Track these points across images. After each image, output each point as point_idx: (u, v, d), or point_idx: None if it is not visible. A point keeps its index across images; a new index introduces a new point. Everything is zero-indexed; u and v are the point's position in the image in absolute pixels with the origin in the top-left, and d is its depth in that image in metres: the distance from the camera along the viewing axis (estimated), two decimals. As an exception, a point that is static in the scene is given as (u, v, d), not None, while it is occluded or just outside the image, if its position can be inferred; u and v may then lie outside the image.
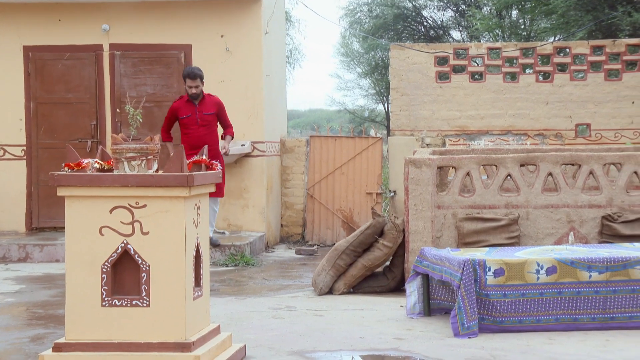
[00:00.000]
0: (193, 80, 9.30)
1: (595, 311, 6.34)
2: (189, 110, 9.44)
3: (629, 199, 7.89)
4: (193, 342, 4.96)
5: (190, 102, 9.45)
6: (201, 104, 9.45)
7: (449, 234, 7.93)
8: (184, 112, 9.43)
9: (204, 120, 9.43)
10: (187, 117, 9.41)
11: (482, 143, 13.02)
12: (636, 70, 12.82)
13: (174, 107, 9.51)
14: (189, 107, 9.45)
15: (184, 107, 9.45)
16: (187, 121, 9.41)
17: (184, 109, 9.45)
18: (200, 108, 9.45)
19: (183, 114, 9.44)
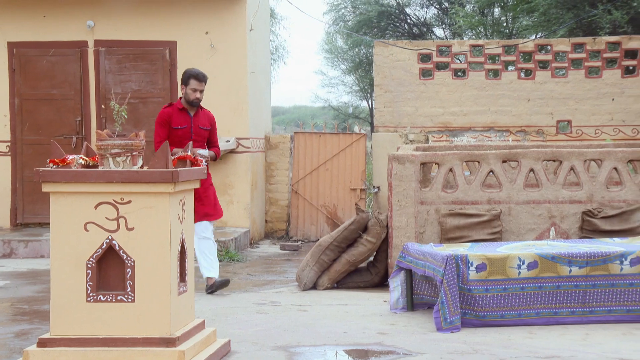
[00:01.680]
0: (199, 83, 7.78)
1: (575, 305, 6.38)
2: (184, 120, 7.83)
3: (609, 194, 7.94)
4: (178, 337, 4.96)
5: (184, 112, 7.84)
6: (196, 116, 7.89)
7: (432, 229, 7.96)
8: (178, 122, 7.80)
9: (199, 135, 7.84)
10: (182, 128, 7.78)
11: (464, 139, 13.06)
12: (616, 67, 12.89)
13: (165, 114, 7.82)
14: (183, 117, 7.84)
15: (177, 115, 7.82)
16: (181, 133, 7.78)
17: (177, 118, 7.82)
18: (195, 120, 7.87)
19: (177, 124, 7.79)
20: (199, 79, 7.79)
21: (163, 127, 7.79)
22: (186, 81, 7.80)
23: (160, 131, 7.81)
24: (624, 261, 6.40)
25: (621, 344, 5.80)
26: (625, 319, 6.39)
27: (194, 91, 7.78)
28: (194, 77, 7.79)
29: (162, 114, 7.86)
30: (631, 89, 12.74)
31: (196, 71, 7.85)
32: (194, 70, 7.85)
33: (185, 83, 7.80)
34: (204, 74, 7.85)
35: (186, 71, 7.89)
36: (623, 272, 6.38)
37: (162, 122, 7.82)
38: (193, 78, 7.79)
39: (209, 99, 11.39)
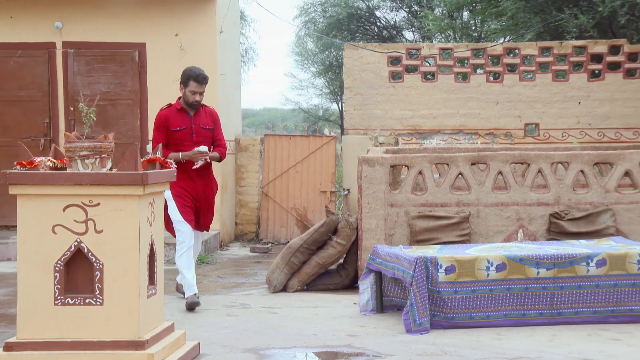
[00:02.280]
0: (200, 85, 7.23)
1: (542, 307, 6.43)
2: (183, 121, 7.26)
3: (576, 197, 8.01)
4: (147, 340, 4.93)
5: (183, 112, 7.29)
6: (197, 115, 7.32)
7: (401, 231, 7.98)
8: (177, 124, 7.24)
9: (200, 136, 7.29)
10: (181, 130, 7.24)
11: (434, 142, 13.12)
12: (582, 71, 13.02)
13: (163, 116, 7.27)
14: (182, 118, 7.27)
15: (175, 117, 7.27)
16: (180, 135, 7.23)
17: (175, 120, 7.26)
18: (196, 120, 7.30)
19: (175, 126, 7.24)
20: (198, 81, 7.22)
21: (160, 132, 7.25)
22: (185, 82, 7.25)
23: (158, 136, 7.25)
24: (590, 263, 6.46)
25: (587, 345, 5.86)
26: (591, 320, 6.46)
27: (193, 93, 7.23)
28: (193, 78, 7.22)
29: (158, 117, 7.31)
30: (597, 92, 12.89)
31: (196, 72, 7.25)
32: (194, 71, 7.27)
33: (185, 84, 7.25)
34: (205, 76, 7.29)
35: (185, 71, 7.31)
36: (589, 274, 6.44)
37: (159, 126, 7.28)
38: (193, 80, 7.22)
39: (179, 101, 11.36)
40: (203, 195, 7.36)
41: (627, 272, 6.47)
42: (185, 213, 7.22)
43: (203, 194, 7.36)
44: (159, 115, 7.32)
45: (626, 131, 12.80)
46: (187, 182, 7.23)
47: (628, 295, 6.47)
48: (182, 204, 7.22)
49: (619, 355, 5.59)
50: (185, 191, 7.24)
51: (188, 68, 7.34)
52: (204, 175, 7.35)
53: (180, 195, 7.22)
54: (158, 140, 7.18)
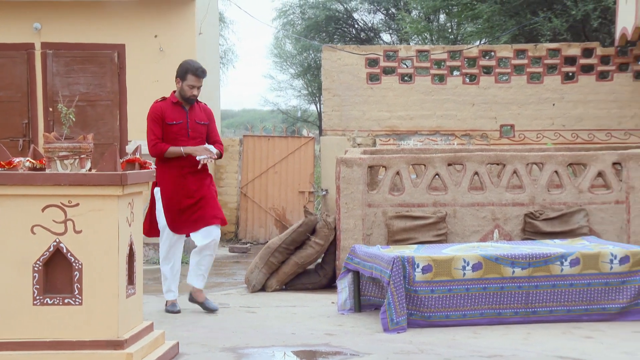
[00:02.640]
0: (198, 79, 6.94)
1: (518, 306, 6.46)
2: (179, 115, 6.96)
3: (550, 197, 8.06)
4: (126, 339, 4.91)
5: (178, 106, 6.98)
6: (192, 110, 7.02)
7: (379, 231, 7.99)
8: (172, 117, 6.93)
9: (196, 132, 6.99)
10: (177, 124, 6.93)
11: (411, 143, 13.15)
12: (556, 73, 13.10)
13: (158, 109, 6.97)
14: (177, 112, 6.97)
15: (171, 110, 6.95)
16: (176, 130, 6.93)
17: (171, 113, 6.94)
18: (191, 115, 7.00)
19: (171, 119, 6.92)
20: (197, 75, 6.92)
21: (156, 124, 6.92)
22: (183, 76, 6.93)
23: (155, 128, 6.92)
24: (564, 262, 6.50)
25: (561, 343, 5.90)
26: (565, 319, 6.50)
27: (191, 88, 6.93)
28: (192, 72, 6.91)
29: (154, 110, 6.96)
30: (570, 94, 12.98)
31: (195, 66, 6.96)
32: (192, 65, 6.96)
33: (182, 78, 6.93)
34: (204, 69, 7.00)
35: (183, 65, 7.00)
36: (563, 273, 6.49)
37: (155, 118, 6.93)
38: (191, 74, 6.91)
39: (158, 102, 11.31)
40: (197, 188, 6.92)
41: (600, 271, 6.52)
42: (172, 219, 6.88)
43: (197, 187, 6.92)
44: (154, 107, 6.99)
45: (599, 132, 12.90)
46: (179, 180, 6.88)
47: (601, 294, 6.52)
48: (170, 208, 6.87)
49: (592, 352, 5.64)
50: (175, 190, 6.87)
51: (186, 61, 7.04)
52: (196, 169, 6.95)
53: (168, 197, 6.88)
54: (155, 134, 6.90)
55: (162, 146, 6.88)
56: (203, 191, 6.95)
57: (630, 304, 6.54)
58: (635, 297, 6.54)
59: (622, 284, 6.52)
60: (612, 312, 6.53)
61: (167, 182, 6.85)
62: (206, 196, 6.95)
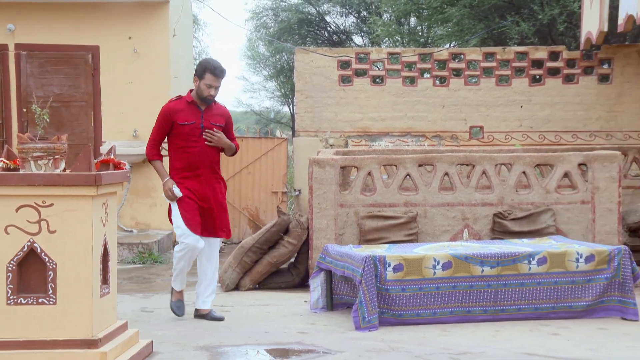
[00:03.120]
0: (217, 78, 6.46)
1: (487, 304, 6.50)
2: (192, 115, 6.49)
3: (518, 197, 8.11)
4: (100, 338, 4.87)
5: (193, 106, 6.52)
6: (208, 110, 6.54)
7: (351, 231, 8.00)
8: (185, 118, 6.47)
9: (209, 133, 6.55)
10: (189, 124, 6.47)
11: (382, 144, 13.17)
12: (524, 76, 13.19)
13: (169, 109, 6.49)
14: (191, 112, 6.50)
15: (184, 110, 6.49)
16: (189, 130, 6.46)
17: (184, 114, 6.48)
18: (206, 115, 6.52)
19: (183, 120, 6.46)
20: (215, 75, 6.44)
21: (161, 126, 6.51)
22: (201, 74, 6.46)
23: (158, 129, 6.54)
24: (532, 261, 6.55)
25: (528, 340, 5.94)
26: (533, 316, 6.55)
27: (208, 87, 6.45)
28: (210, 71, 6.44)
29: (165, 111, 6.51)
30: (538, 96, 13.07)
31: (214, 64, 6.48)
32: (211, 63, 6.50)
33: (200, 76, 6.46)
34: (223, 69, 6.50)
35: (202, 63, 6.55)
36: (531, 272, 6.53)
37: (164, 119, 6.49)
38: (209, 72, 6.44)
39: (132, 103, 11.25)
40: (211, 194, 6.55)
41: (566, 269, 6.58)
42: (189, 220, 6.45)
43: (211, 193, 6.55)
44: (166, 107, 6.54)
45: (565, 134, 13.01)
46: (192, 182, 6.51)
47: (567, 291, 6.58)
48: (186, 208, 6.46)
49: (558, 349, 5.68)
50: (191, 192, 6.49)
51: (205, 59, 6.60)
52: (211, 175, 6.58)
53: (184, 199, 6.47)
54: (157, 135, 6.55)
55: (153, 151, 6.56)
56: (218, 198, 6.60)
57: (596, 302, 6.60)
58: (600, 295, 6.60)
59: (588, 282, 6.58)
60: (578, 310, 6.59)
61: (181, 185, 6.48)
62: (222, 205, 6.63)
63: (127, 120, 11.24)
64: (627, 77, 12.86)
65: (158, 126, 6.54)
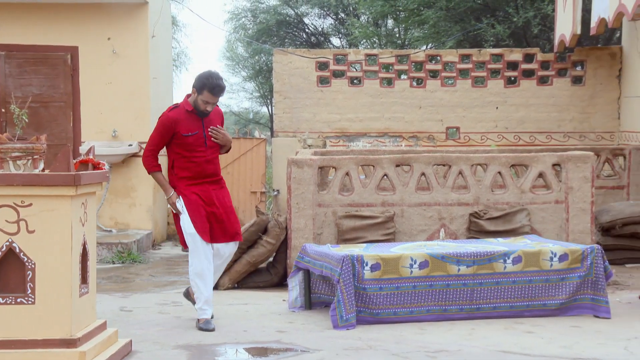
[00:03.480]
0: (215, 97, 6.32)
1: (463, 302, 6.52)
2: (194, 125, 6.34)
3: (494, 197, 8.15)
4: (79, 338, 4.84)
5: (192, 115, 6.34)
6: (207, 118, 6.44)
7: (329, 231, 8.00)
8: (188, 128, 6.31)
9: (212, 140, 6.45)
10: (193, 135, 6.32)
11: (360, 144, 13.20)
12: (499, 78, 13.26)
13: (171, 120, 6.30)
14: (192, 122, 6.34)
15: (186, 121, 6.32)
16: (192, 141, 6.32)
17: (186, 124, 6.31)
18: (207, 123, 6.41)
19: (187, 131, 6.30)
20: (213, 93, 6.28)
21: (161, 136, 6.33)
22: (200, 90, 6.28)
23: (157, 140, 6.35)
24: (507, 260, 6.58)
25: (503, 338, 5.97)
26: (508, 315, 6.58)
27: (205, 103, 6.31)
28: (209, 89, 6.26)
29: (166, 120, 6.31)
30: (513, 98, 13.15)
31: (213, 83, 6.25)
32: (210, 81, 6.26)
33: (199, 91, 6.28)
34: (223, 87, 6.33)
35: (202, 79, 6.29)
36: (506, 270, 6.57)
37: (163, 131, 6.32)
38: (208, 91, 6.27)
39: (111, 104, 11.19)
40: (218, 198, 6.41)
41: (540, 268, 6.62)
42: (199, 225, 6.29)
43: (217, 197, 6.41)
44: (166, 117, 6.33)
45: (540, 135, 13.10)
46: (198, 187, 6.36)
47: (541, 290, 6.62)
48: (196, 214, 6.30)
49: (533, 347, 5.72)
50: (199, 197, 6.33)
51: (206, 75, 6.32)
52: (215, 179, 6.47)
53: (193, 204, 6.31)
54: (156, 146, 6.38)
55: (152, 162, 6.43)
56: (225, 202, 6.45)
57: (569, 300, 6.65)
58: (574, 293, 6.65)
59: (562, 281, 6.62)
60: (552, 308, 6.63)
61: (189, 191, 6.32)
62: (230, 208, 6.48)
63: (106, 121, 11.18)
64: (599, 79, 12.97)
65: (158, 136, 6.36)
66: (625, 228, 9.21)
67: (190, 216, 6.29)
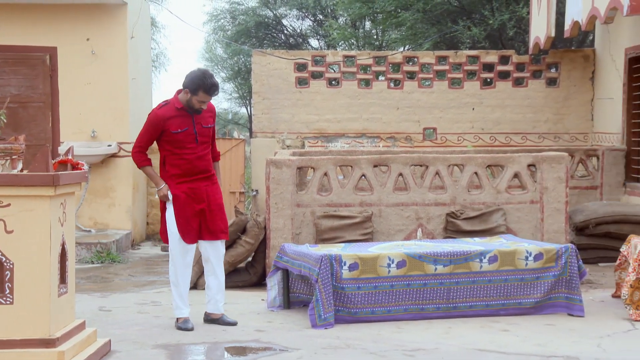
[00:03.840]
0: (209, 96, 6.26)
1: (440, 301, 6.54)
2: (185, 122, 6.27)
3: (470, 197, 8.19)
4: (57, 338, 4.81)
5: (183, 112, 6.28)
6: (197, 114, 6.36)
7: (307, 230, 8.00)
8: (177, 125, 6.25)
9: (204, 136, 6.36)
10: (183, 131, 6.25)
11: (338, 145, 13.20)
12: (475, 79, 13.32)
13: (160, 117, 6.25)
14: (183, 118, 6.27)
15: (175, 118, 6.25)
16: (182, 138, 6.25)
17: (176, 121, 6.25)
18: (197, 119, 6.33)
19: (176, 128, 6.24)
20: (209, 94, 6.23)
21: (150, 133, 6.28)
22: (194, 91, 6.20)
23: (147, 137, 6.30)
24: (483, 259, 6.61)
25: (479, 336, 6.00)
26: (484, 313, 6.61)
27: (200, 102, 6.25)
28: (204, 90, 6.20)
29: (155, 117, 6.25)
30: (489, 99, 13.21)
31: (208, 83, 6.19)
32: (205, 82, 6.19)
33: (193, 92, 6.21)
34: (217, 86, 6.28)
35: (196, 80, 6.21)
36: (482, 270, 6.60)
37: (151, 127, 6.26)
38: (204, 91, 6.20)
39: (90, 104, 11.12)
40: (208, 195, 6.35)
41: (516, 267, 6.65)
42: (182, 226, 6.28)
43: (207, 194, 6.34)
44: (155, 114, 6.27)
45: (515, 136, 13.17)
46: (189, 185, 6.30)
47: (517, 289, 6.65)
48: (181, 214, 6.27)
49: (508, 344, 5.75)
50: (187, 196, 6.29)
51: (199, 75, 6.25)
52: (206, 175, 6.41)
53: (181, 204, 6.27)
54: (143, 141, 6.32)
55: (141, 157, 6.35)
56: (216, 198, 6.39)
57: (544, 299, 6.69)
58: (548, 292, 6.69)
59: (537, 280, 6.66)
60: (528, 307, 6.67)
61: (178, 188, 6.27)
62: (219, 205, 6.41)
63: (86, 121, 11.12)
64: (573, 81, 13.06)
65: (147, 133, 6.30)
66: (598, 227, 9.29)
67: (175, 217, 6.28)
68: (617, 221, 9.27)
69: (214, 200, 6.38)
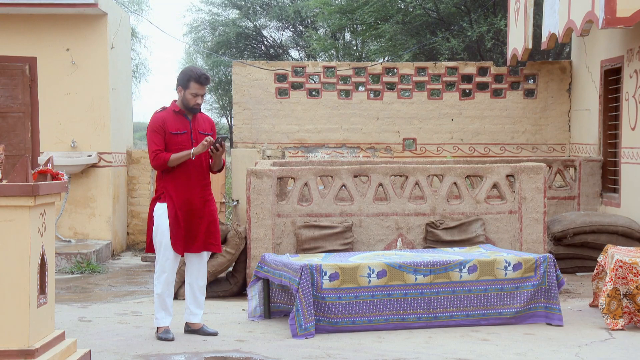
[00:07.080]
0: (201, 86, 6.17)
1: (420, 311, 6.54)
2: (182, 125, 6.25)
3: (450, 207, 8.21)
4: (37, 348, 4.75)
5: (181, 116, 6.26)
6: (194, 120, 6.31)
7: (288, 240, 7.98)
8: (176, 127, 6.22)
9: (199, 141, 6.29)
10: (181, 134, 6.22)
11: (319, 155, 13.20)
12: (454, 90, 13.38)
13: (159, 119, 6.22)
14: (180, 121, 6.25)
15: (173, 120, 6.23)
16: (181, 140, 6.22)
17: (174, 123, 6.23)
18: (194, 125, 6.30)
19: (175, 129, 6.21)
20: (201, 82, 6.16)
21: (158, 134, 6.18)
22: (185, 84, 6.18)
23: (156, 139, 6.18)
24: (463, 269, 6.62)
25: (459, 345, 6.00)
26: (465, 323, 6.62)
27: (194, 96, 6.18)
28: (195, 79, 6.15)
29: (155, 120, 6.23)
30: (468, 110, 13.27)
31: (198, 72, 6.19)
32: (194, 72, 6.20)
33: (184, 86, 6.19)
34: (208, 76, 6.23)
35: (185, 72, 6.24)
36: (462, 279, 6.61)
37: (157, 128, 6.19)
38: (194, 81, 6.15)
39: (70, 114, 11.05)
40: (202, 205, 6.29)
41: (495, 277, 6.67)
42: (173, 234, 6.18)
43: (201, 204, 6.29)
44: (155, 118, 6.25)
45: (494, 146, 13.23)
46: (186, 193, 6.23)
47: (497, 299, 6.67)
48: (174, 223, 6.18)
49: (488, 354, 5.76)
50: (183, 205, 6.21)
51: (188, 68, 6.30)
52: (203, 182, 6.37)
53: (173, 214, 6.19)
54: (158, 144, 6.18)
55: (163, 155, 6.17)
56: (211, 211, 6.33)
57: (524, 308, 6.70)
58: (528, 302, 6.71)
59: (516, 290, 6.68)
60: (507, 316, 6.68)
61: (174, 197, 6.18)
62: (214, 219, 6.36)
63: (65, 131, 11.04)
64: (550, 93, 13.15)
65: (155, 135, 6.21)
66: (576, 237, 9.35)
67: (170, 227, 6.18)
68: (595, 231, 9.33)
69: (209, 212, 6.32)
